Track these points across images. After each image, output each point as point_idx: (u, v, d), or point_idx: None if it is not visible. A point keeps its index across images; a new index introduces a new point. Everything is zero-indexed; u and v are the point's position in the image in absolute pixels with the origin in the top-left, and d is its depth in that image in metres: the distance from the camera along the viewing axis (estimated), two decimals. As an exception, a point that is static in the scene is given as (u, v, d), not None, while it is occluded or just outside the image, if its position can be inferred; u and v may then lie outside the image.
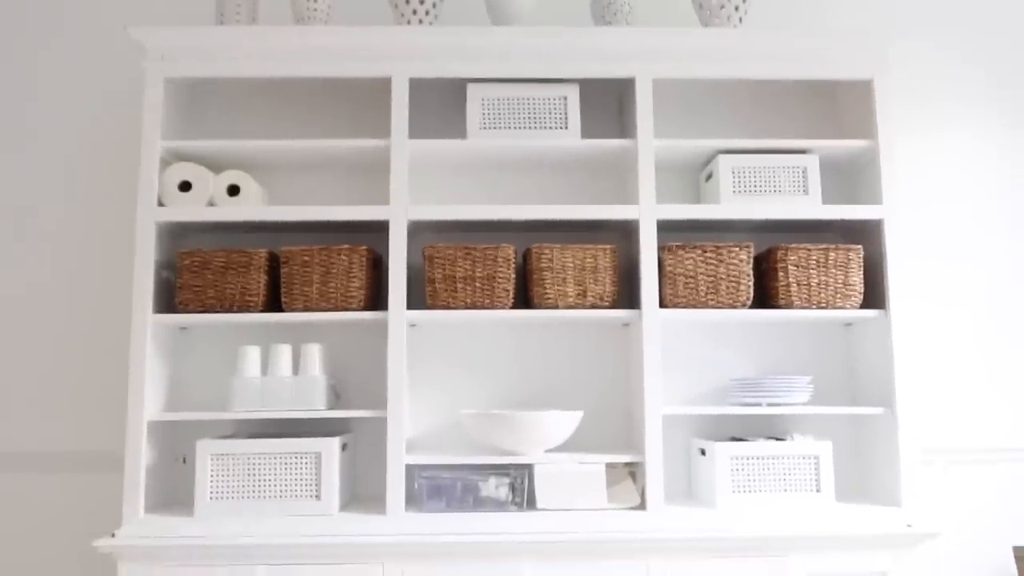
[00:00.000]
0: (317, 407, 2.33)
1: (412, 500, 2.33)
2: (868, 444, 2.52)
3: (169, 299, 2.43)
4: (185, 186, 2.39)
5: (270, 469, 2.27)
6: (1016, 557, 2.49)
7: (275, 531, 2.20)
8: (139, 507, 2.24)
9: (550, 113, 2.47)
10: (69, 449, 2.61)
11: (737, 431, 2.56)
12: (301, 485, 2.27)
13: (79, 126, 2.73)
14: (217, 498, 2.25)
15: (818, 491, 2.33)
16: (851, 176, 2.64)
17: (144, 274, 2.32)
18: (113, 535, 2.20)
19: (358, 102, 2.65)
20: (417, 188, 2.58)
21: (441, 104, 2.62)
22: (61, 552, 2.56)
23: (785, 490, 2.33)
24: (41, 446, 2.62)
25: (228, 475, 2.26)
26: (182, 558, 2.17)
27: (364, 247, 2.39)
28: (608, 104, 2.68)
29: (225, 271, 2.36)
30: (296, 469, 2.27)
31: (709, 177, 2.54)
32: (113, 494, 2.38)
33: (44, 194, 2.71)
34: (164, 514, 2.29)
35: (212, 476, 2.26)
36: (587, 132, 2.56)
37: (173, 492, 2.47)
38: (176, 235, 2.51)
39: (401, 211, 2.36)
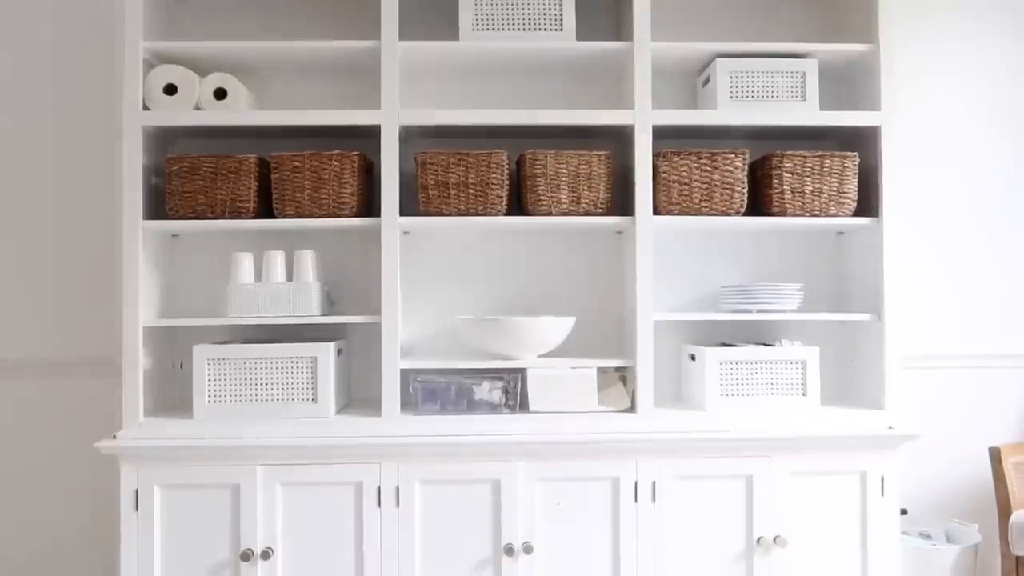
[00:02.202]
0: (312, 313, 2.35)
1: (408, 404, 2.37)
2: (854, 350, 2.57)
3: (159, 206, 2.40)
4: (170, 89, 2.33)
5: (267, 373, 2.30)
6: (992, 458, 2.58)
7: (273, 432, 2.25)
8: (139, 411, 2.28)
9: (545, 14, 2.40)
10: (69, 356, 2.63)
11: (727, 337, 2.61)
12: (298, 389, 2.30)
13: (58, 26, 2.64)
14: (215, 402, 2.29)
15: (804, 395, 2.38)
16: (850, 84, 2.59)
17: (133, 180, 2.29)
18: (114, 437, 2.25)
19: (347, 3, 2.57)
20: (409, 94, 2.53)
21: (433, 5, 2.54)
22: (64, 455, 2.62)
23: (772, 394, 2.38)
24: (42, 354, 2.64)
25: (225, 379, 2.29)
26: (183, 458, 2.22)
27: (356, 153, 2.35)
28: (604, 6, 2.60)
29: (215, 177, 2.33)
30: (293, 373, 2.30)
31: (706, 82, 2.50)
32: (113, 400, 2.42)
33: (24, 99, 2.64)
34: (163, 417, 2.33)
35: (210, 380, 2.29)
36: (582, 35, 2.50)
37: (171, 398, 2.51)
38: (162, 140, 2.47)
39: (392, 115, 2.32)
